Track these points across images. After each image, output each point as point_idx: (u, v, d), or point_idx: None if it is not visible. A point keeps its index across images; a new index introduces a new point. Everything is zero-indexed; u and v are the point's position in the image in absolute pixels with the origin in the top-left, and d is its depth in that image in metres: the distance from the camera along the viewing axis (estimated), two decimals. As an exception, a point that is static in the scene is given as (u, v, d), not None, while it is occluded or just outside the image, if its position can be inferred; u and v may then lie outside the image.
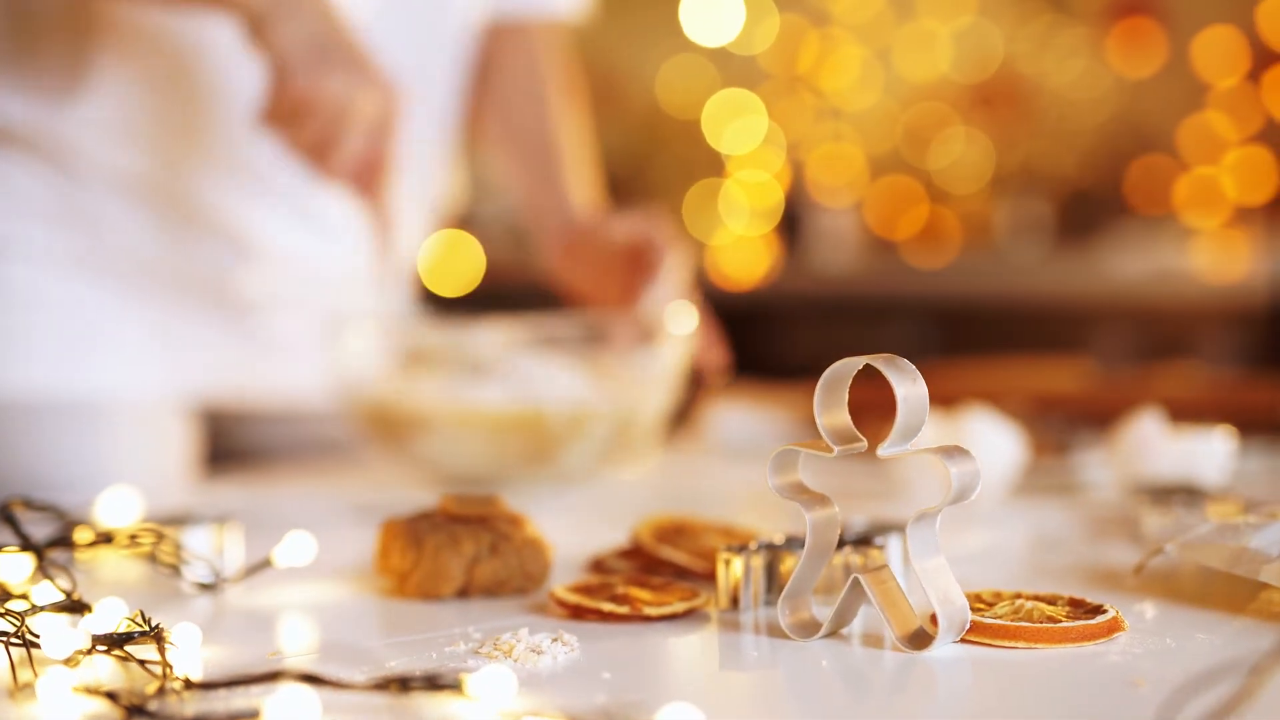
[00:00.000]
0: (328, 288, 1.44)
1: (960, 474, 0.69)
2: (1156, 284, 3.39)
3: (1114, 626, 0.71)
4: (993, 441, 1.15)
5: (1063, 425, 1.38)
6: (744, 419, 1.61)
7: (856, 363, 0.71)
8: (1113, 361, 2.44)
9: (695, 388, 1.45)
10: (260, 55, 1.15)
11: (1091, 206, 3.98)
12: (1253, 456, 1.29)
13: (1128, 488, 1.13)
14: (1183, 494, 0.97)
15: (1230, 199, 3.90)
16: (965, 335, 3.53)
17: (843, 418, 0.72)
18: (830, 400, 0.72)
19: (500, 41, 1.54)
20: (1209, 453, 1.12)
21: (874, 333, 3.66)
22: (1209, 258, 3.62)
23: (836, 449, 0.71)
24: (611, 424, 1.23)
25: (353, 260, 1.44)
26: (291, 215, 1.38)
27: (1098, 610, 0.72)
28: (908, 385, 0.69)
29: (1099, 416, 1.41)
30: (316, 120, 1.14)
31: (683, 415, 1.52)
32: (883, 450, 0.70)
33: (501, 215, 3.96)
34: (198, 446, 1.43)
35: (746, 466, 1.45)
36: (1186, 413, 1.22)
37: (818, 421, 0.71)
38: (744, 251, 4.14)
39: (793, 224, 4.14)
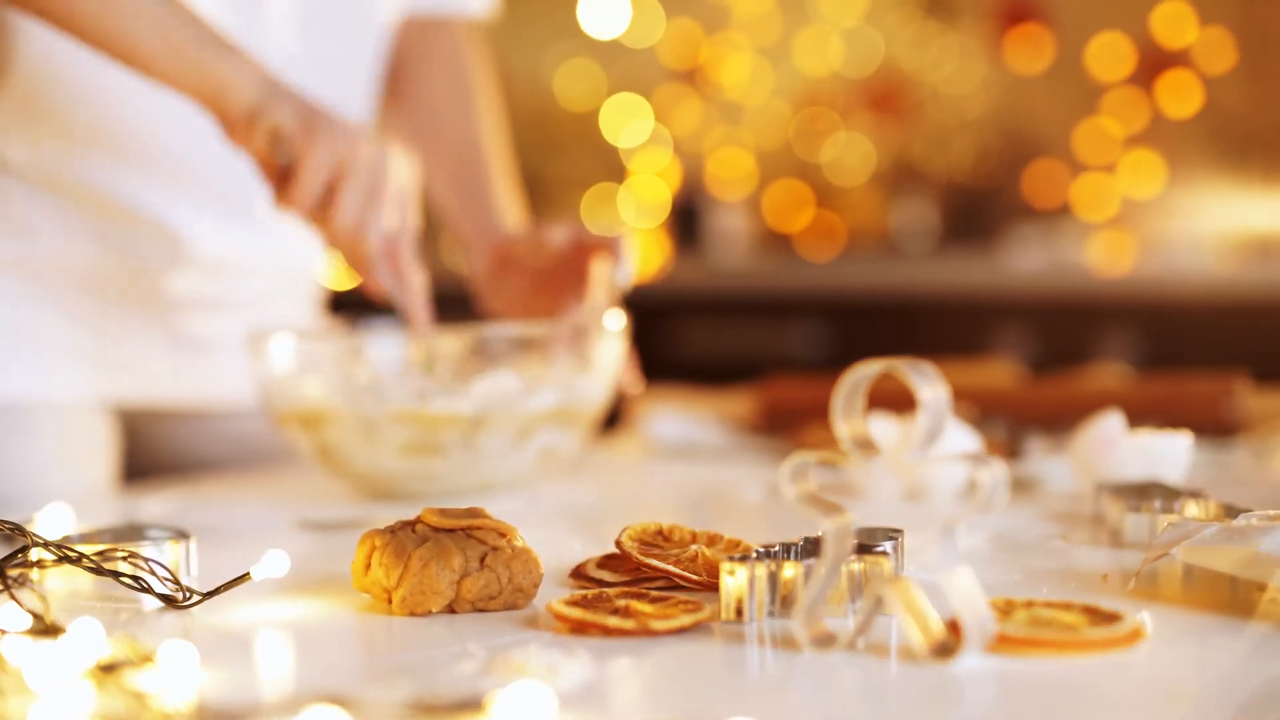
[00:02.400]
0: (259, 288, 1.39)
1: (990, 481, 0.67)
2: (1052, 280, 3.44)
3: (1136, 635, 0.69)
4: (953, 443, 1.14)
5: (1009, 426, 1.37)
6: (676, 421, 1.60)
7: (875, 367, 0.69)
8: (1015, 357, 2.46)
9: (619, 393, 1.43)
10: (256, 142, 1.09)
11: (983, 205, 4.02)
12: (1200, 455, 1.30)
13: (1090, 488, 1.13)
14: (1160, 495, 0.97)
15: (1120, 198, 3.96)
16: (864, 332, 3.55)
17: (862, 425, 0.70)
18: (849, 407, 0.69)
19: (421, 39, 1.49)
20: (1170, 452, 1.12)
21: (772, 329, 3.66)
22: (1101, 255, 3.68)
23: (857, 456, 0.69)
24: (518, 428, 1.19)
25: (284, 260, 1.40)
26: (222, 214, 1.33)
27: (1114, 618, 0.71)
28: (930, 389, 0.67)
29: (1040, 417, 1.42)
30: (351, 192, 1.09)
31: (611, 419, 1.50)
32: (908, 457, 0.68)
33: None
34: (122, 453, 1.37)
35: (683, 468, 1.43)
36: (1127, 412, 1.23)
37: (838, 430, 0.69)
38: (639, 247, 4.12)
39: (688, 219, 4.14)
